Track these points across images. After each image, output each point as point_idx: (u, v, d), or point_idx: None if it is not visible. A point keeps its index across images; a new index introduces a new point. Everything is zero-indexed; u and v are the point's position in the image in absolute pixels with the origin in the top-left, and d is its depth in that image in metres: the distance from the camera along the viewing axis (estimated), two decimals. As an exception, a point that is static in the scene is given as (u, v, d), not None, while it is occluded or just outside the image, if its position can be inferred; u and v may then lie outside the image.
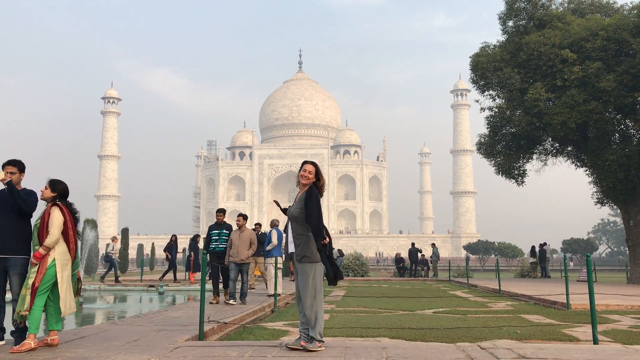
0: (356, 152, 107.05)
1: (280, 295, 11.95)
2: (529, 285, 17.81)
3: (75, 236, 5.39)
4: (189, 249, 20.81)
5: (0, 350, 5.07)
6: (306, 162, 5.48)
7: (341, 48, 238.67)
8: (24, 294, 5.06)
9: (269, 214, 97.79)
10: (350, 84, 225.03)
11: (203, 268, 7.21)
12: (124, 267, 34.40)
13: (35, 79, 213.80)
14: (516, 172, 23.51)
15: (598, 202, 23.41)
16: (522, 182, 23.74)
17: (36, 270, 5.10)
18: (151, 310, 9.71)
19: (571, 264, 56.99)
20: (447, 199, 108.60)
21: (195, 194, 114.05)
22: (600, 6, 23.14)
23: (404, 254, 34.45)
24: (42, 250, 5.15)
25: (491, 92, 23.32)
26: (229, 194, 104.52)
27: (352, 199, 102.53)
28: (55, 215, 5.25)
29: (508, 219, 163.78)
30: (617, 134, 21.03)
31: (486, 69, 22.05)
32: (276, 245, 12.62)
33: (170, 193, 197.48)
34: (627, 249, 24.66)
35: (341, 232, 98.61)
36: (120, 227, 37.44)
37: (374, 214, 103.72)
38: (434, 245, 30.88)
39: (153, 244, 51.12)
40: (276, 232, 12.73)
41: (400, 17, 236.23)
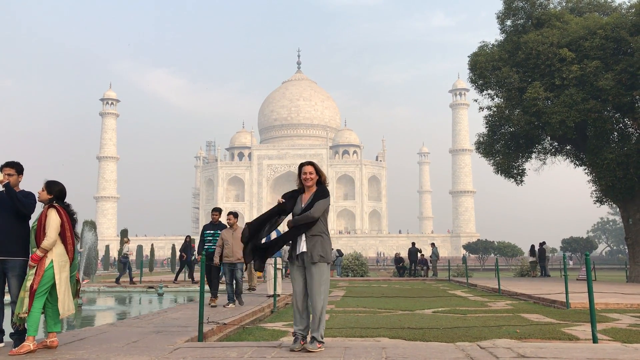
0: (355, 152, 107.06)
1: (279, 295, 11.94)
2: (528, 285, 17.80)
3: (73, 238, 5.36)
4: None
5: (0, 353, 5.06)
6: (303, 164, 5.45)
7: (340, 48, 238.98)
8: (22, 296, 5.04)
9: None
10: (349, 84, 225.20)
11: (202, 269, 7.18)
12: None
13: (33, 80, 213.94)
14: (515, 171, 23.53)
15: (597, 201, 23.42)
16: (521, 181, 23.76)
17: (34, 273, 5.08)
18: (151, 312, 9.71)
19: (570, 262, 57.03)
20: (447, 198, 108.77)
21: (194, 195, 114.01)
22: (598, 5, 23.15)
23: (404, 253, 34.44)
24: (39, 252, 5.13)
25: (490, 91, 23.34)
26: (228, 194, 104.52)
27: (352, 199, 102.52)
28: (52, 217, 5.23)
29: (507, 218, 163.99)
30: (615, 133, 21.05)
31: (485, 68, 22.07)
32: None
33: (169, 194, 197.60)
34: (626, 247, 24.68)
35: (340, 232, 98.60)
36: (120, 228, 37.37)
37: (373, 213, 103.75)
38: (433, 244, 30.87)
39: (152, 245, 51.16)
40: (276, 233, 12.70)
41: (399, 17, 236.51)
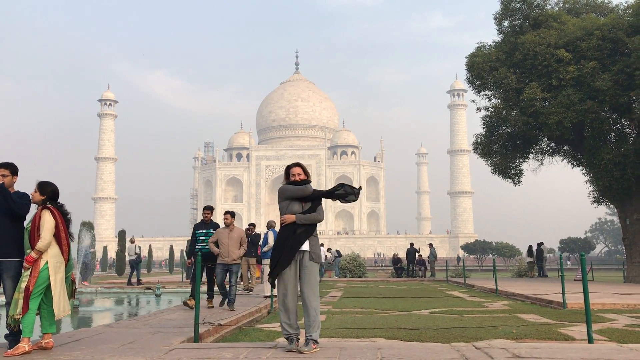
0: (353, 152, 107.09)
1: (277, 296, 11.90)
2: (525, 285, 17.82)
3: (68, 238, 5.34)
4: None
5: (-6, 354, 5.05)
6: (291, 166, 5.42)
7: (338, 49, 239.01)
8: (16, 297, 5.02)
9: (266, 215, 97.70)
10: (347, 85, 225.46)
11: (198, 270, 7.16)
12: (121, 269, 34.35)
13: (31, 82, 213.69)
14: (513, 171, 23.56)
15: (595, 202, 23.44)
16: (519, 181, 23.79)
17: (29, 274, 5.06)
18: (147, 312, 9.69)
19: (569, 263, 57.09)
20: (445, 199, 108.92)
21: (192, 195, 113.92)
22: (595, 6, 23.20)
23: (402, 254, 34.44)
24: (34, 254, 5.10)
25: (487, 92, 23.38)
26: (226, 195, 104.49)
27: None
28: (46, 218, 5.20)
29: (505, 218, 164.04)
30: (612, 133, 21.08)
31: (482, 69, 22.09)
32: (272, 247, 12.54)
33: (167, 195, 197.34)
34: (624, 247, 24.71)
35: (339, 232, 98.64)
36: (118, 229, 37.27)
37: (371, 214, 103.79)
38: (431, 245, 30.85)
39: (150, 246, 51.07)
40: (272, 234, 12.69)
41: (397, 17, 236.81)
